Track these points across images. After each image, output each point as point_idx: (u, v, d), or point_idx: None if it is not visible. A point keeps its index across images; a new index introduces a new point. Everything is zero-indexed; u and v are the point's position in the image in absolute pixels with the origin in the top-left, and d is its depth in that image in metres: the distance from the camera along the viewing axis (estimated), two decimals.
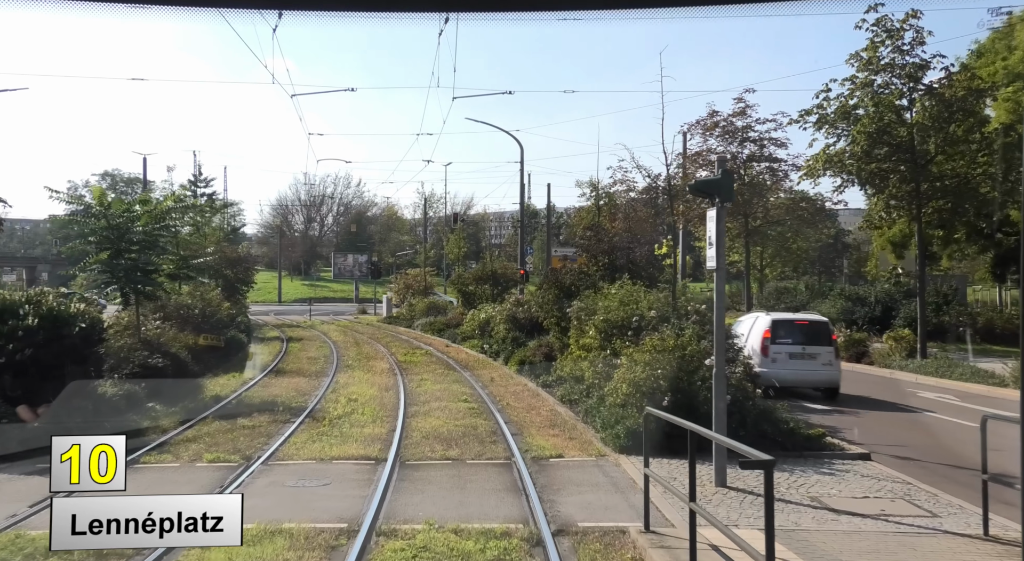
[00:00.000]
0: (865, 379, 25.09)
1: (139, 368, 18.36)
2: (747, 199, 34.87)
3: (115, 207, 19.25)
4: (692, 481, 7.52)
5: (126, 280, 19.76)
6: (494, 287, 42.86)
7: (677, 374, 13.17)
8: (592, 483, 11.26)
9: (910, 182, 26.48)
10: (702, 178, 10.89)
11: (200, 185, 53.69)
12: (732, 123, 35.69)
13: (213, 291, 29.86)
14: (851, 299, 39.47)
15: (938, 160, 26.32)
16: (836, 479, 11.43)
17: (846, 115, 26.78)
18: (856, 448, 13.38)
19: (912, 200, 26.90)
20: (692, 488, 7.51)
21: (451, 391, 20.64)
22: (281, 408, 17.56)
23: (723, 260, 10.72)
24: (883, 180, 26.76)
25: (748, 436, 12.62)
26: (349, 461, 12.60)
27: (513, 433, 14.96)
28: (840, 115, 26.89)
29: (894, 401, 20.15)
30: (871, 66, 26.34)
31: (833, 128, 27.32)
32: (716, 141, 35.16)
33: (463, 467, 12.30)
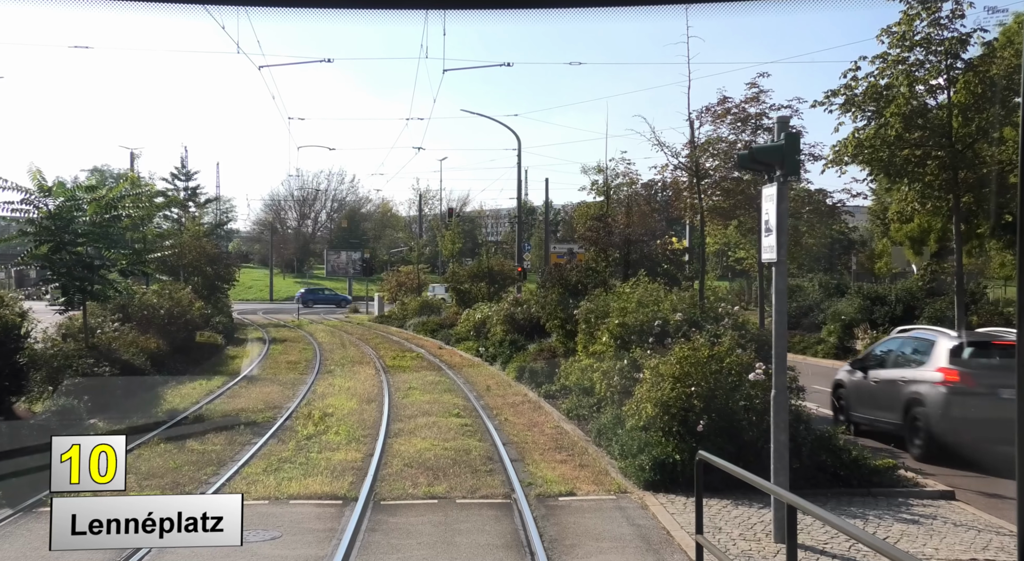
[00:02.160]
0: None
1: (83, 378, 16.00)
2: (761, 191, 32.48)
3: (56, 193, 16.76)
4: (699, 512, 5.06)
5: (68, 277, 17.24)
6: (490, 285, 40.51)
7: (713, 391, 10.75)
8: (615, 537, 8.81)
9: (948, 169, 24.05)
10: (757, 144, 8.53)
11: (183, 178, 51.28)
12: (744, 110, 33.37)
13: (182, 290, 27.34)
14: (870, 298, 37.06)
15: (980, 145, 23.89)
16: (924, 530, 9.01)
17: (877, 96, 24.30)
18: (933, 483, 10.95)
19: (950, 189, 24.48)
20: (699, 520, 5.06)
21: (442, 403, 18.22)
22: (243, 425, 15.14)
23: (785, 251, 8.31)
24: (920, 167, 24.33)
25: (804, 469, 10.28)
26: (310, 502, 10.17)
27: (513, 459, 12.55)
28: (870, 96, 24.41)
29: None
30: (905, 41, 23.88)
31: (861, 110, 24.83)
32: (727, 129, 32.85)
33: (452, 509, 9.87)
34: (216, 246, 43.57)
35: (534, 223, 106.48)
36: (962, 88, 23.68)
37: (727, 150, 28.27)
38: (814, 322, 36.75)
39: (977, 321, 31.58)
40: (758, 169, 8.60)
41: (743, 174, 28.36)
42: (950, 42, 23.56)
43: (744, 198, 27.57)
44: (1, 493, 10.02)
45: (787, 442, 8.49)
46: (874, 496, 10.25)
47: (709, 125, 32.94)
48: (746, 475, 5.98)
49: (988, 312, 33.62)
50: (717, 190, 28.09)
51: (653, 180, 29.81)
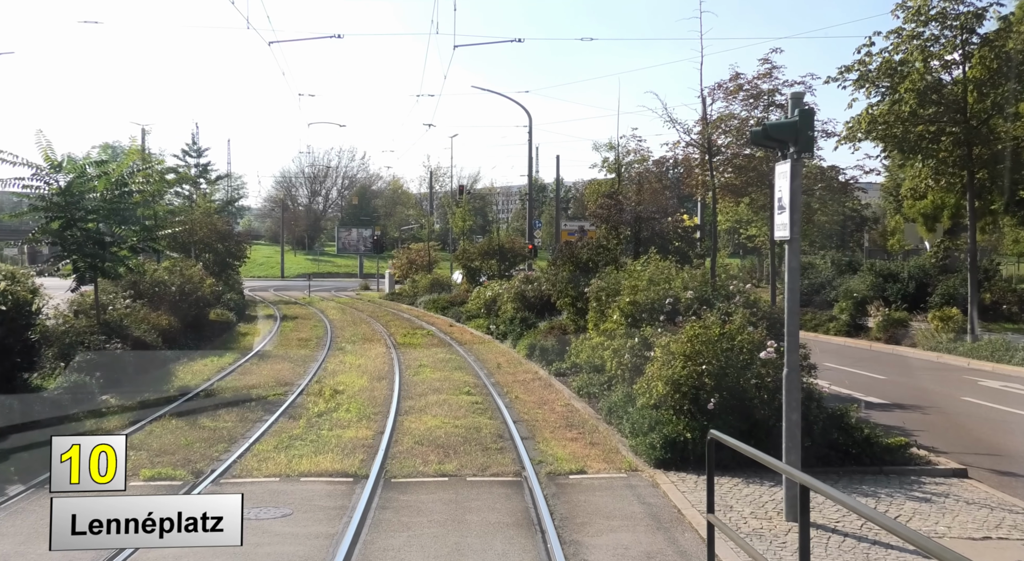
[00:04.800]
0: (912, 365, 22.62)
1: (95, 354, 16.03)
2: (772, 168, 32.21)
3: (67, 168, 16.70)
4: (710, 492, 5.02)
5: (79, 254, 17.21)
6: (501, 262, 40.46)
7: (724, 369, 10.69)
8: (626, 515, 8.79)
9: (963, 145, 23.82)
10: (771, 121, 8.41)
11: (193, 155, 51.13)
12: (757, 86, 33.05)
13: (193, 267, 27.36)
14: (882, 275, 36.83)
15: (995, 121, 23.64)
16: (936, 507, 8.96)
17: (891, 71, 24.03)
18: (946, 461, 10.89)
19: (964, 165, 24.26)
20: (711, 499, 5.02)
21: (452, 380, 18.22)
22: (255, 402, 15.20)
23: (798, 228, 8.21)
24: (934, 143, 24.09)
25: (816, 447, 10.24)
26: (321, 479, 10.17)
27: (524, 436, 12.54)
28: (884, 71, 24.13)
29: (955, 393, 17.63)
30: (920, 16, 23.60)
31: (875, 86, 24.55)
32: (740, 106, 32.56)
33: (462, 487, 9.86)
34: (227, 223, 43.50)
35: (545, 201, 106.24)
36: (977, 63, 23.43)
37: (739, 127, 28.05)
38: (826, 299, 36.54)
39: (990, 298, 31.39)
40: (771, 146, 8.49)
41: (755, 151, 28.17)
42: (966, 16, 23.32)
43: (756, 175, 27.36)
44: (14, 468, 10.08)
45: (799, 421, 8.43)
46: (886, 474, 10.21)
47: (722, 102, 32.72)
48: (758, 454, 5.93)
49: (1001, 289, 33.43)
50: (729, 167, 27.90)
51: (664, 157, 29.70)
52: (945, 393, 17.66)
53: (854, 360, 22.43)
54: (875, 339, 27.72)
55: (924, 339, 25.48)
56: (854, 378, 18.57)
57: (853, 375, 19.07)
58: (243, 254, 42.28)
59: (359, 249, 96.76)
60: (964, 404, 16.30)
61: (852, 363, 21.47)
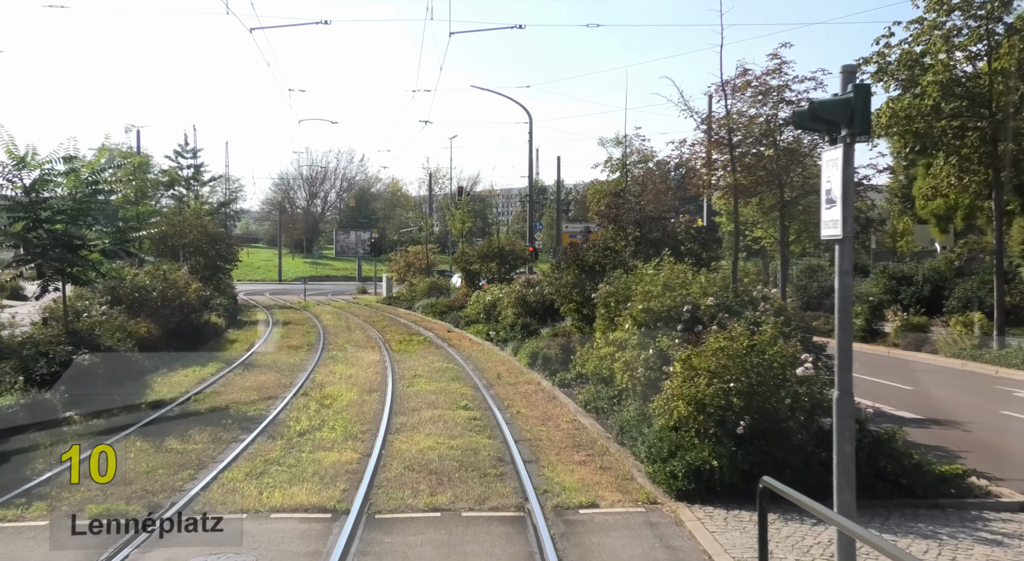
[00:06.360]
0: (937, 373, 21.31)
1: (60, 367, 14.74)
2: (783, 167, 30.99)
3: (31, 164, 15.39)
4: None
5: (44, 258, 15.91)
6: (501, 265, 39.19)
7: (754, 387, 9.41)
8: None
9: (989, 141, 22.54)
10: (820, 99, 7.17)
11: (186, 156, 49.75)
12: (766, 82, 31.88)
13: (177, 271, 26.06)
14: (895, 277, 35.54)
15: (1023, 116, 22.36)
16: (1012, 554, 7.66)
17: (912, 63, 22.74)
18: (1009, 492, 9.57)
19: (990, 163, 22.97)
20: None
21: (449, 392, 16.93)
22: (232, 419, 13.89)
23: (851, 225, 6.94)
24: (958, 139, 22.81)
25: (860, 476, 8.90)
26: (294, 515, 8.86)
27: (527, 460, 11.26)
28: (904, 63, 22.84)
29: (991, 405, 16.35)
30: (942, 5, 22.32)
31: (895, 79, 23.27)
32: (747, 103, 31.38)
33: (457, 525, 8.56)
34: (219, 225, 42.26)
35: (545, 203, 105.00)
36: (1004, 54, 22.13)
37: (748, 124, 26.93)
38: None
39: (1010, 301, 30.06)
40: (818, 128, 7.24)
41: (764, 149, 26.94)
42: (991, 5, 22.05)
43: (766, 174, 26.15)
44: None
45: (853, 454, 7.11)
46: (942, 508, 8.92)
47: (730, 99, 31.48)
48: (819, 509, 4.67)
49: (1021, 292, 32.10)
50: (738, 166, 26.67)
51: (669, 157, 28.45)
52: (980, 406, 16.37)
53: (875, 368, 21.12)
54: (892, 345, 26.47)
55: (946, 345, 24.19)
56: (878, 389, 17.30)
57: (877, 385, 17.82)
58: (235, 258, 40.98)
59: (357, 252, 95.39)
60: (1004, 419, 15.01)
61: (873, 372, 20.17)
